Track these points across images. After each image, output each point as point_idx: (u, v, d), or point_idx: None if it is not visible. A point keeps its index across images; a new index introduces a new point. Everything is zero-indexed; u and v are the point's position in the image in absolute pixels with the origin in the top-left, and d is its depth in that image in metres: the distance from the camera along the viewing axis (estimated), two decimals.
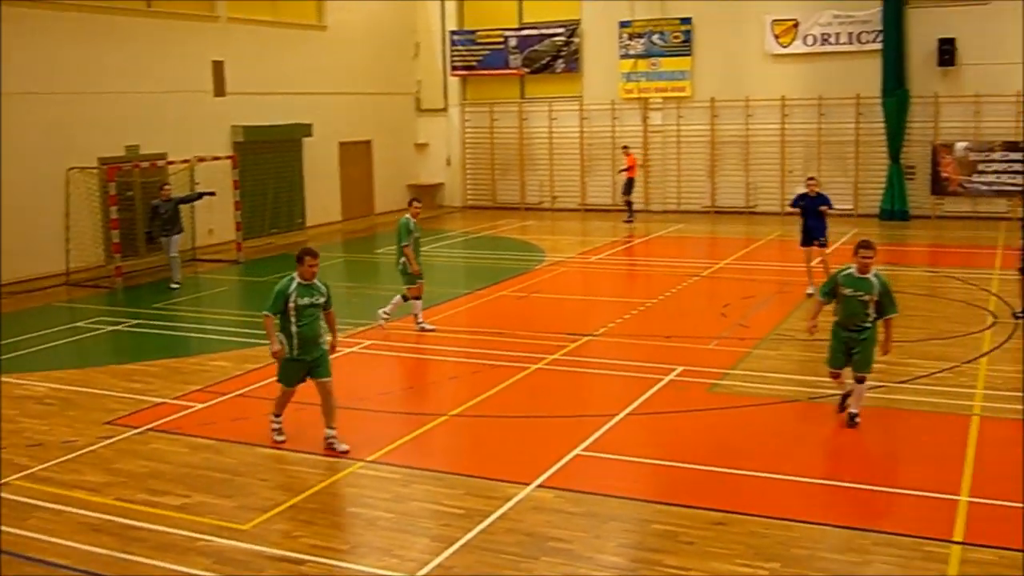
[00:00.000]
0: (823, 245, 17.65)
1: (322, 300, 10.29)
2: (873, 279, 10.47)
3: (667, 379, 12.72)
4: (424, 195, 34.07)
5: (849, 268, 10.55)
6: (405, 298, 15.80)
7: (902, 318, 16.07)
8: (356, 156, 31.03)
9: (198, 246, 24.31)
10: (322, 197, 29.42)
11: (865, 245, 10.51)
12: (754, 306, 17.44)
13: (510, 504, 8.94)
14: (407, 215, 15.71)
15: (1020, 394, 11.87)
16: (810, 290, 17.39)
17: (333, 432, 10.39)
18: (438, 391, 12.93)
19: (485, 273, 18.17)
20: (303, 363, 10.28)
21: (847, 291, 10.46)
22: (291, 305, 10.10)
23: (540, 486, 9.34)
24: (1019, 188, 27.46)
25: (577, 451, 10.24)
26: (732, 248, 23.95)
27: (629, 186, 29.03)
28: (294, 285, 10.16)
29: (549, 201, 33.12)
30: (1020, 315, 15.67)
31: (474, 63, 33.72)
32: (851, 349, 10.58)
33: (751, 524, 8.40)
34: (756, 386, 12.53)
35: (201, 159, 23.93)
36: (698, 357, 13.90)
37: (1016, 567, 7.54)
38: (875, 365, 10.96)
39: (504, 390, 12.61)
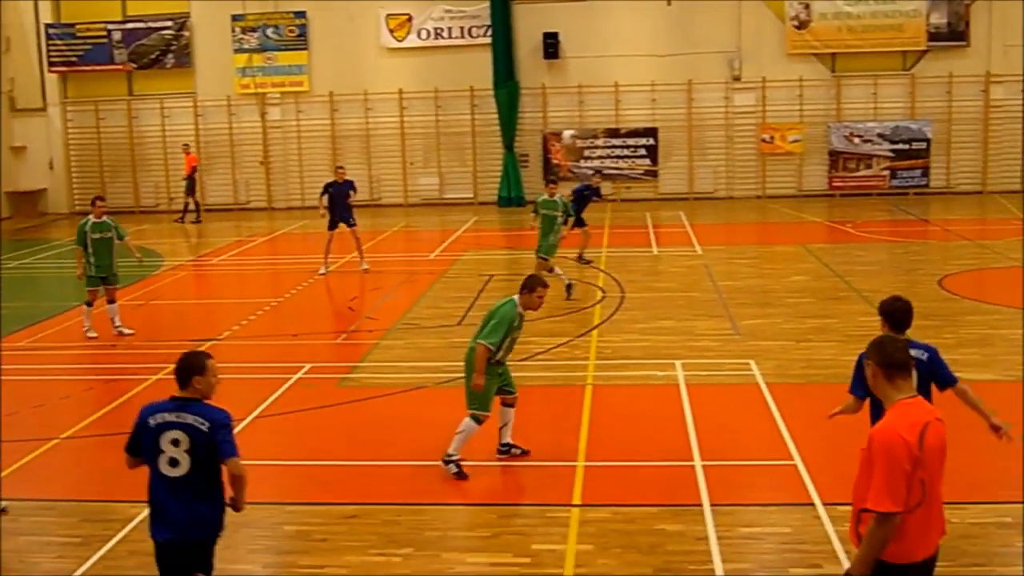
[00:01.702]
0: (352, 225, 19.47)
1: None
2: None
3: (295, 378, 12.48)
4: (24, 202, 31.62)
5: (516, 308, 9.29)
6: (89, 304, 15.12)
7: None
8: None
9: None
10: None
11: (545, 284, 9.42)
12: (381, 297, 17.58)
13: (131, 525, 8.38)
14: (90, 216, 15.05)
15: (627, 361, 12.81)
16: (322, 270, 19.23)
17: None
18: (46, 414, 11.79)
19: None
20: None
21: (517, 333, 9.46)
22: None
23: None
24: (621, 171, 29.71)
25: None
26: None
27: (191, 186, 28.85)
28: None
29: (165, 203, 31.59)
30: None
31: (75, 59, 31.47)
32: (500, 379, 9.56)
33: (384, 513, 8.41)
34: (385, 376, 12.60)
35: None
36: (326, 353, 13.81)
37: (628, 521, 8.07)
38: None
39: (121, 406, 11.80)
